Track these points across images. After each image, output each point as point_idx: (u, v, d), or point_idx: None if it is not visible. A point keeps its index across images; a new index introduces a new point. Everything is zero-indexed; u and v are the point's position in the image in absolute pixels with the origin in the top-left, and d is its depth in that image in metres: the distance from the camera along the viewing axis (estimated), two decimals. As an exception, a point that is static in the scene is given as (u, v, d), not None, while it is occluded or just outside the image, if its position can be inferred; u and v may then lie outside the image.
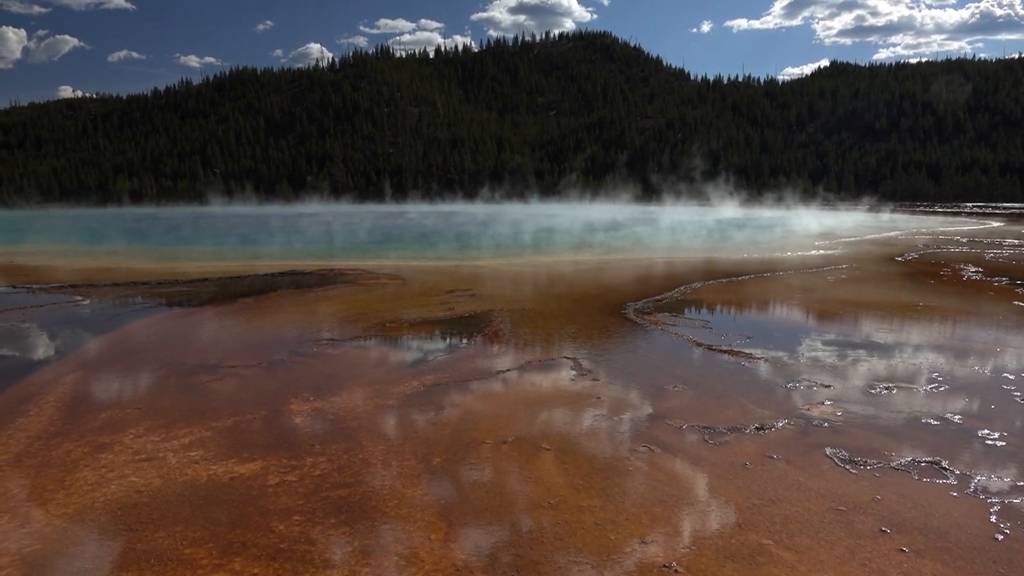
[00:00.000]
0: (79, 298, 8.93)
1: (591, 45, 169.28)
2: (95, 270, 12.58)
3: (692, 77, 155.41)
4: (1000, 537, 2.79)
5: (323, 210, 59.79)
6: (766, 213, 42.78)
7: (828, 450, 3.70)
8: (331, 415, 4.23)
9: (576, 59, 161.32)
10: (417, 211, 55.78)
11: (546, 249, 17.68)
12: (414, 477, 3.36)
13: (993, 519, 2.94)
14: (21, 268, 13.23)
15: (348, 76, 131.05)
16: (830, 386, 4.85)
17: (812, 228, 26.94)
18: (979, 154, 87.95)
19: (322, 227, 30.26)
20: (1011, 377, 5.06)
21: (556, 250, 17.43)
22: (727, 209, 51.02)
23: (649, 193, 78.71)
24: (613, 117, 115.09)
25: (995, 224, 30.63)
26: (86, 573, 2.55)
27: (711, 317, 7.75)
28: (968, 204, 66.79)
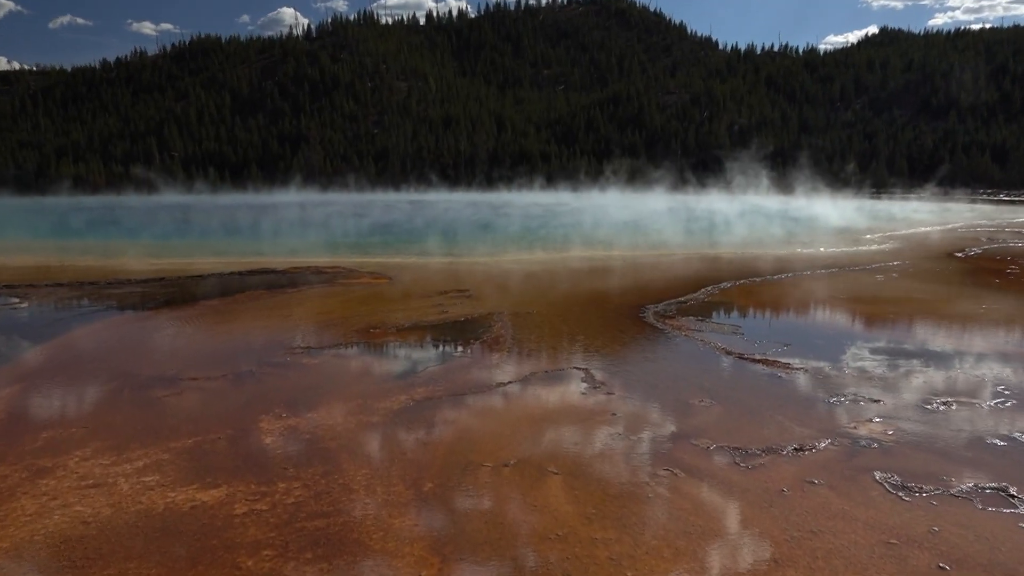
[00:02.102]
0: (16, 300, 8.96)
1: (604, 10, 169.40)
2: (34, 268, 12.62)
3: (720, 46, 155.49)
4: (1076, 575, 2.79)
5: (298, 199, 59.95)
6: (806, 202, 42.77)
7: (878, 474, 3.70)
8: (307, 434, 4.24)
9: (588, 26, 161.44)
10: (407, 200, 55.89)
11: (552, 245, 17.69)
12: (402, 505, 3.36)
13: (1068, 554, 2.93)
14: (-49, 266, 13.29)
15: (326, 46, 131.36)
16: (879, 401, 4.85)
17: (859, 219, 26.94)
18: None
19: (296, 219, 30.31)
20: (1089, 391, 5.06)
21: (563, 246, 17.44)
22: (760, 198, 51.01)
23: (672, 179, 78.71)
24: (630, 92, 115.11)
25: (1070, 215, 30.61)
26: (26, 615, 2.56)
27: (743, 321, 7.74)
28: (1039, 191, 66.73)
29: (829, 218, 27.80)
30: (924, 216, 30.11)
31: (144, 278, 10.92)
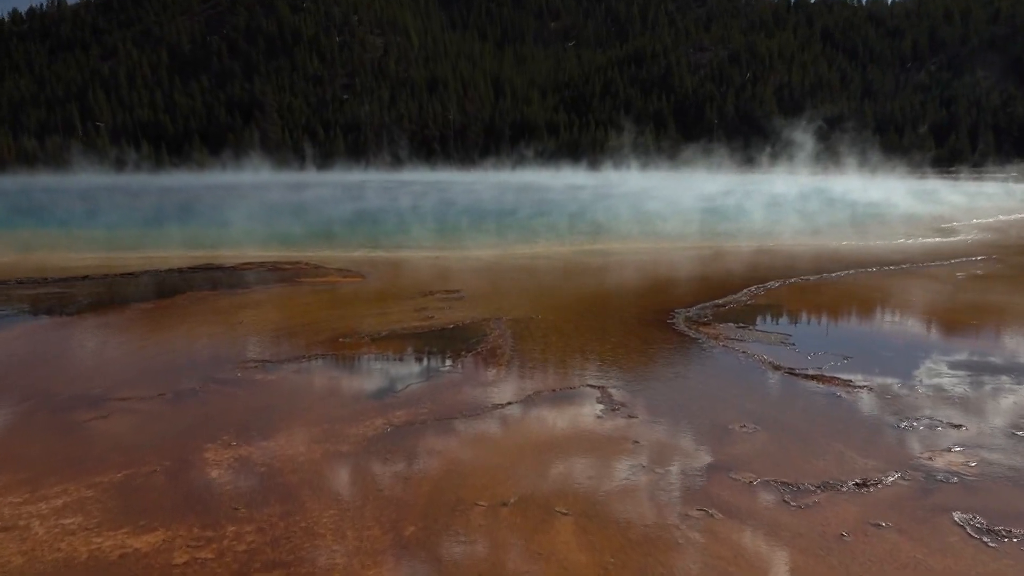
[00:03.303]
0: (-91, 303, 8.97)
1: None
2: (-69, 264, 12.65)
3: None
4: None
5: (250, 180, 60.01)
6: (869, 182, 42.84)
7: (957, 515, 3.70)
8: (262, 466, 4.24)
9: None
10: (384, 181, 55.94)
11: (562, 236, 17.69)
12: (377, 554, 3.36)
13: None
14: None
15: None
16: (960, 426, 4.86)
17: (935, 204, 26.96)
18: None
19: (249, 204, 30.32)
20: None
21: (575, 237, 17.45)
22: (812, 177, 51.05)
23: (706, 154, 78.64)
24: (655, 49, 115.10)
25: None
26: None
27: (793, 329, 7.74)
28: None
29: (898, 202, 27.84)
30: (1015, 202, 30.12)
31: (64, 276, 10.92)
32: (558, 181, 52.93)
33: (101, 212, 26.64)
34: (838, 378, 5.84)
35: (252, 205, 29.61)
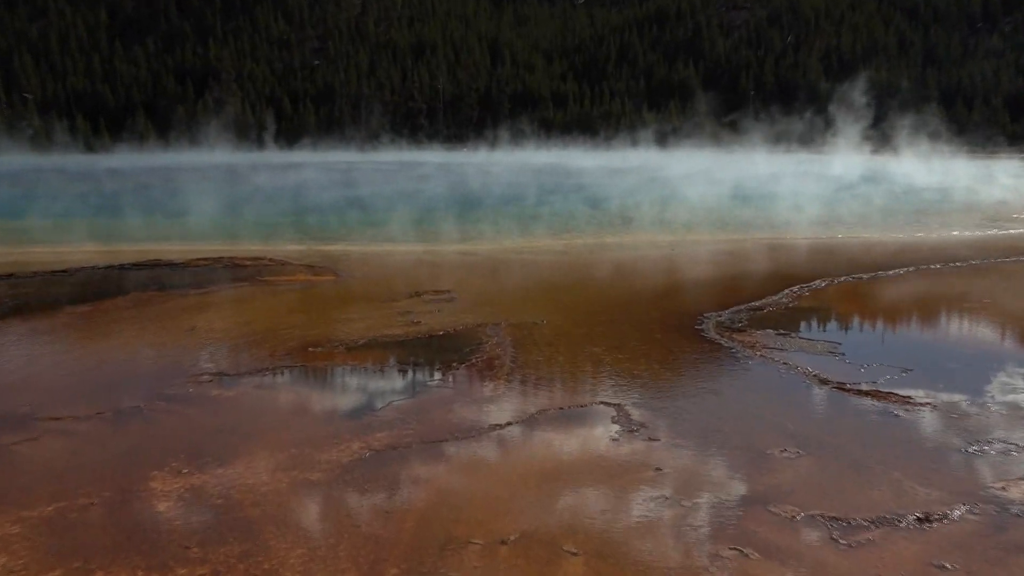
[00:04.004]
0: None
1: None
2: None
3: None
4: None
5: (204, 160, 59.92)
6: (934, 164, 42.74)
7: (1037, 556, 3.69)
8: (218, 498, 4.24)
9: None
10: (362, 162, 55.91)
11: (571, 228, 17.70)
12: (354, 600, 3.35)
13: None
14: None
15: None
16: (1040, 450, 4.86)
17: (1011, 190, 26.93)
18: None
19: (202, 189, 30.30)
20: None
21: (587, 228, 17.45)
22: (867, 157, 50.99)
23: (731, 129, 78.49)
24: (680, 8, 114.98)
25: None
26: None
27: (842, 336, 7.74)
28: None
29: (967, 186, 27.82)
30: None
31: (-15, 274, 10.93)
32: (567, 162, 52.87)
33: (27, 198, 26.65)
34: (896, 394, 5.84)
35: (207, 190, 29.59)
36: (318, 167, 47.70)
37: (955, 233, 16.20)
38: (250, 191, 29.17)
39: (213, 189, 30.28)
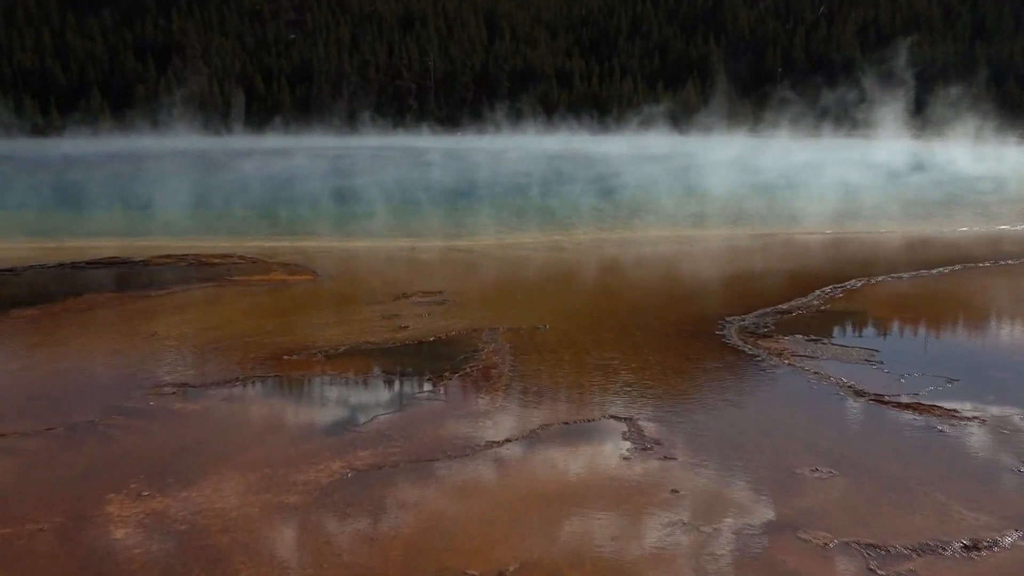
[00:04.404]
0: None
1: None
2: None
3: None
4: None
5: (169, 146, 59.82)
6: (984, 150, 42.71)
7: (1098, 588, 3.69)
8: (182, 523, 4.23)
9: None
10: (343, 148, 55.87)
11: (582, 220, 17.68)
12: (334, 638, 3.35)
13: None
14: None
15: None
16: (1101, 470, 4.85)
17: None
18: None
19: (169, 178, 30.30)
20: None
21: (598, 221, 17.42)
22: (908, 143, 50.96)
23: (757, 111, 78.33)
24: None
25: None
26: None
27: (880, 342, 7.72)
28: None
29: (1021, 175, 27.82)
30: None
31: (-78, 273, 10.91)
32: (587, 149, 52.84)
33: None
34: (940, 407, 5.83)
35: (171, 179, 29.60)
36: (288, 153, 47.69)
37: (1006, 227, 16.19)
38: (220, 180, 29.15)
39: (178, 178, 30.27)
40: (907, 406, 5.87)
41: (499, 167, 34.43)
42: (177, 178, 30.28)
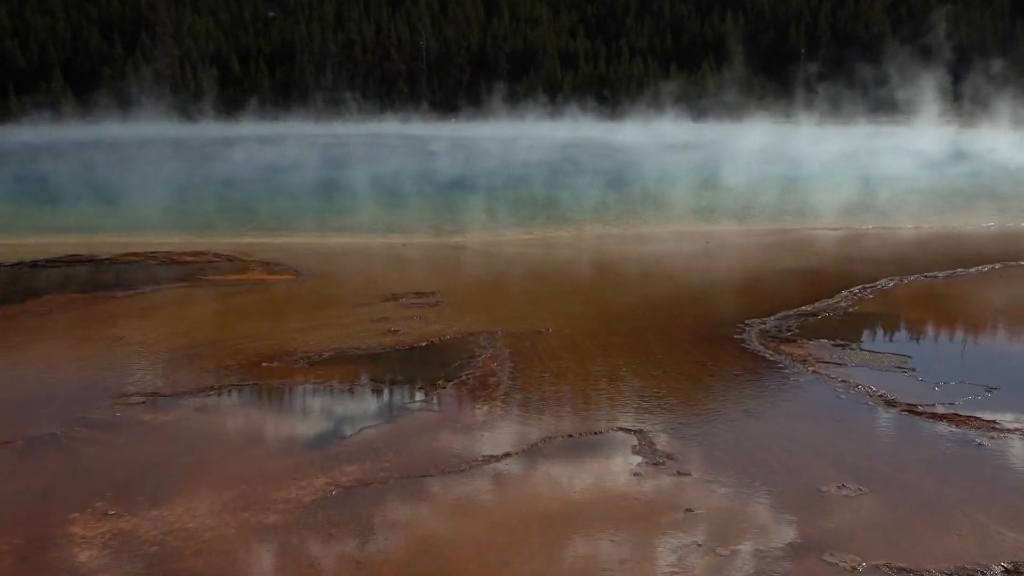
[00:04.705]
0: None
1: None
2: None
3: None
4: None
5: (136, 133, 59.77)
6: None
7: None
8: (151, 544, 4.20)
9: None
10: (331, 136, 55.86)
11: (589, 214, 17.67)
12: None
13: None
14: None
15: None
16: None
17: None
18: None
19: (133, 168, 30.27)
20: None
21: (607, 216, 17.42)
22: (945, 130, 50.90)
23: (779, 95, 78.27)
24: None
25: None
26: None
27: (914, 348, 7.71)
28: None
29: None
30: None
31: None
32: (581, 135, 52.85)
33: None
34: (978, 418, 5.80)
35: (141, 169, 29.57)
36: (271, 141, 47.66)
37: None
38: (195, 171, 29.12)
39: (149, 168, 30.24)
40: (943, 417, 5.84)
41: (509, 156, 34.41)
42: (147, 168, 30.25)
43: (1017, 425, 5.71)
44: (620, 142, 44.70)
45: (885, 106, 71.38)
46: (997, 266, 11.30)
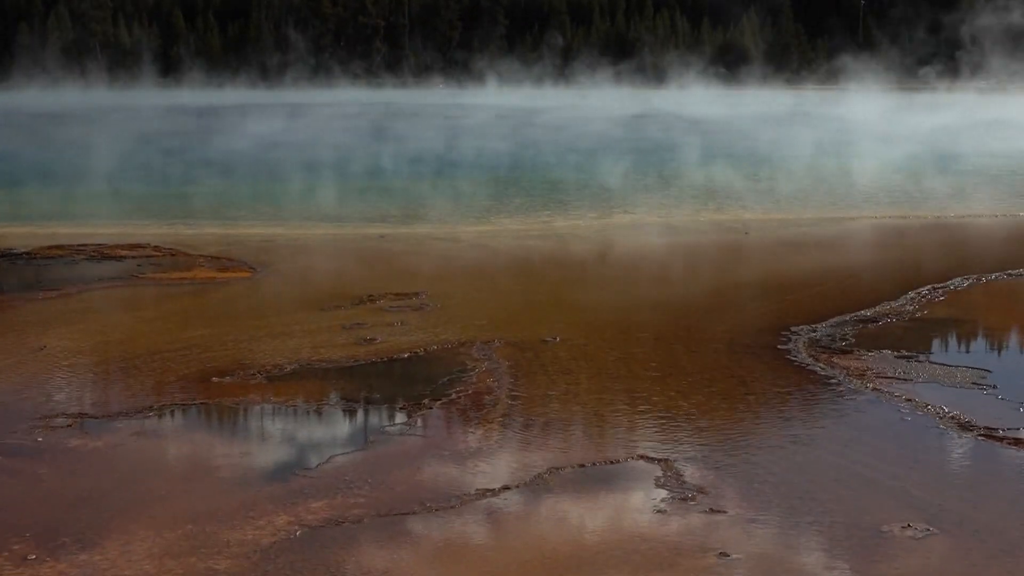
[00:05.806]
0: None
1: None
2: None
3: None
4: None
5: (60, 101, 59.65)
6: None
7: None
8: (79, 598, 4.21)
9: None
10: (290, 104, 55.79)
11: (602, 201, 17.65)
12: None
13: None
14: None
15: None
16: None
17: None
18: None
19: (64, 143, 30.15)
20: None
21: (623, 203, 17.41)
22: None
23: (833, 60, 78.51)
24: None
25: None
26: None
27: (993, 361, 7.69)
28: None
29: None
30: None
31: None
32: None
33: None
34: (1071, 445, 5.80)
35: (66, 147, 29.50)
36: (224, 113, 47.58)
37: None
38: (129, 149, 29.02)
39: (75, 145, 30.16)
40: (1028, 443, 5.86)
41: (522, 133, 34.36)
42: (74, 145, 30.18)
43: (1117, 453, 5.72)
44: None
45: (960, 68, 71.39)
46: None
